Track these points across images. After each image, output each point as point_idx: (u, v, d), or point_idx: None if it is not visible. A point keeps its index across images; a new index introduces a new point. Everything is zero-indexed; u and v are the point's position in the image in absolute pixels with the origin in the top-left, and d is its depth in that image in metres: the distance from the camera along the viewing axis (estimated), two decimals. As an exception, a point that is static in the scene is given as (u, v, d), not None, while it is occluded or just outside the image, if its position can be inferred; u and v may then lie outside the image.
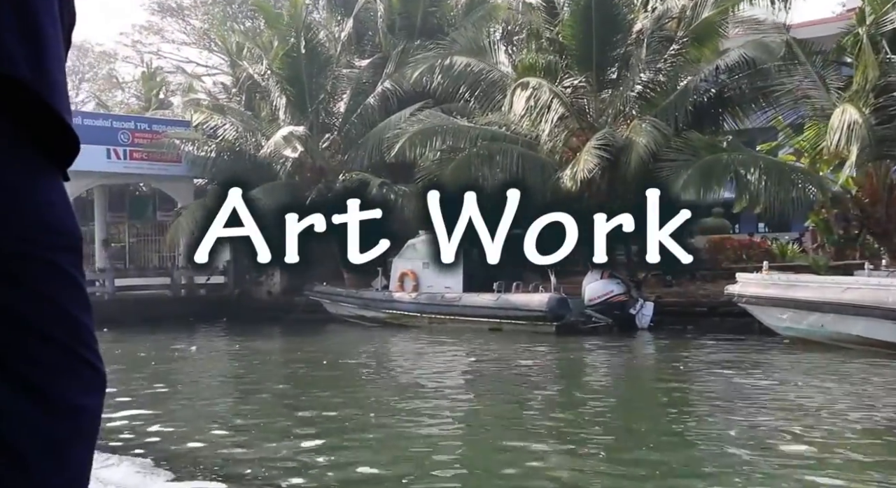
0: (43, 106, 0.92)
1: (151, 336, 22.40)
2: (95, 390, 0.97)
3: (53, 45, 0.94)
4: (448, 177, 21.03)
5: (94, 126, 24.90)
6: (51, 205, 0.94)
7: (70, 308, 0.94)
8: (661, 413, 11.24)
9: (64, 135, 0.97)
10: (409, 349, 19.26)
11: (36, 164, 0.94)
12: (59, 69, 0.95)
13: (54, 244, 0.94)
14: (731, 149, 18.23)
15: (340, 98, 26.34)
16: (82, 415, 0.95)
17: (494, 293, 20.07)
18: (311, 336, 21.58)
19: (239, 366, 16.84)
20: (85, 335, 0.96)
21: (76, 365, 0.94)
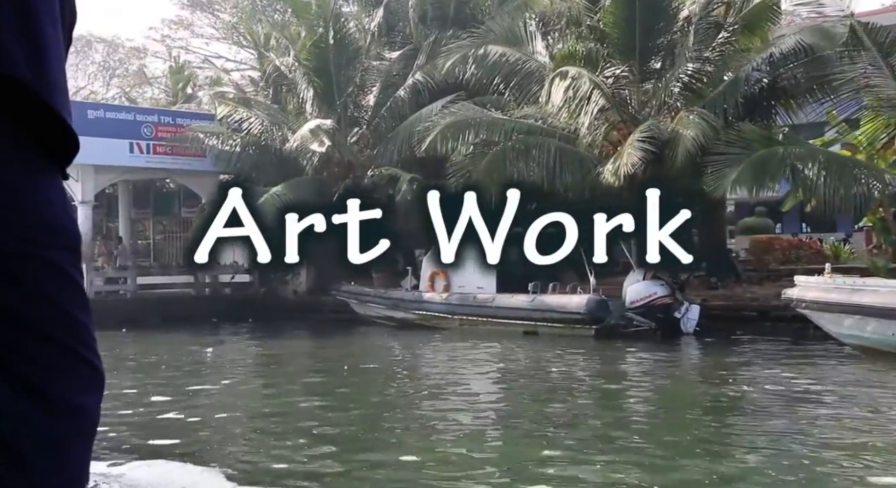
0: (43, 105, 0.90)
1: (171, 337, 21.43)
2: (94, 389, 0.96)
3: (53, 45, 0.93)
4: (481, 172, 19.82)
5: (117, 119, 23.97)
6: (50, 204, 0.92)
7: (69, 307, 0.93)
8: (710, 426, 10.25)
9: (64, 134, 0.94)
10: (439, 352, 18.11)
11: (35, 164, 0.92)
12: (59, 69, 0.94)
13: (53, 243, 0.92)
14: (788, 143, 16.84)
15: (370, 91, 25.21)
16: (81, 415, 0.94)
17: (529, 294, 18.84)
18: (338, 338, 20.48)
19: (259, 373, 15.72)
20: (84, 334, 0.95)
21: (75, 364, 0.93)
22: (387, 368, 16.27)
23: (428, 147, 20.69)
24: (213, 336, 22.04)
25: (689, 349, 17.48)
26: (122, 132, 23.92)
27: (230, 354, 18.68)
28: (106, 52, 44.74)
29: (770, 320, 17.85)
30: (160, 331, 22.48)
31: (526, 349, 17.68)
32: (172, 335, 21.63)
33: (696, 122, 17.03)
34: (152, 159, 24.57)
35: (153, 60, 41.04)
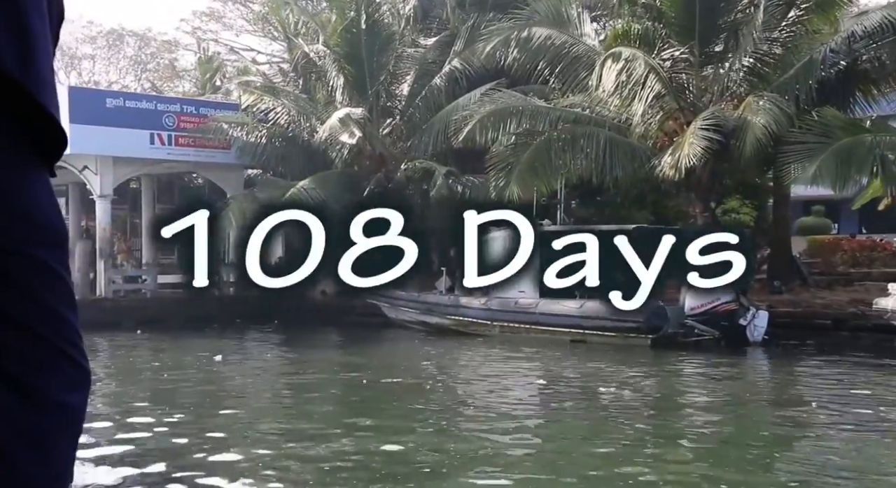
0: (30, 101, 0.90)
1: (186, 339, 19.77)
2: (80, 387, 0.95)
3: (41, 41, 0.92)
4: (524, 165, 17.92)
5: (138, 108, 22.35)
6: (36, 200, 0.91)
7: (54, 304, 0.92)
8: (786, 452, 8.88)
9: (51, 130, 0.93)
10: (476, 362, 16.27)
11: (22, 160, 0.91)
12: (47, 65, 0.93)
13: (39, 240, 0.91)
14: (877, 130, 14.71)
15: (403, 79, 23.38)
16: (67, 412, 0.93)
17: (577, 299, 16.87)
18: (367, 345, 18.69)
19: (282, 386, 13.87)
20: (69, 332, 0.94)
21: (60, 361, 0.92)
22: (419, 381, 14.43)
23: (466, 137, 18.86)
24: (236, 339, 20.35)
25: (757, 361, 15.46)
26: (143, 122, 22.29)
27: (251, 361, 16.94)
28: (138, 46, 43.34)
29: (848, 329, 15.74)
30: (180, 333, 20.84)
31: (574, 360, 15.77)
32: (191, 338, 19.95)
33: (767, 107, 14.99)
34: (174, 151, 22.92)
35: (185, 53, 39.57)
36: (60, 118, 0.92)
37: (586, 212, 22.74)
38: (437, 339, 18.83)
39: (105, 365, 15.79)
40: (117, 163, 22.62)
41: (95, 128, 21.55)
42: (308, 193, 21.19)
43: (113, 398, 11.91)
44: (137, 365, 16.50)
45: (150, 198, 27.39)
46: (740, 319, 15.72)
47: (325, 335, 21.01)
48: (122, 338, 20.11)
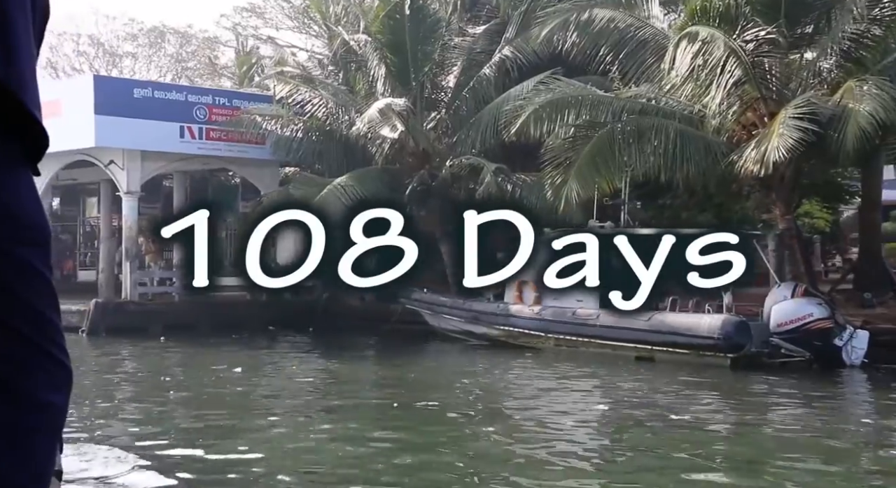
0: (12, 101, 0.88)
1: (212, 347, 17.99)
2: (61, 386, 0.93)
3: (24, 41, 0.91)
4: (584, 160, 15.80)
5: (167, 99, 20.64)
6: (18, 199, 0.90)
7: (36, 303, 0.90)
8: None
9: (34, 130, 0.93)
10: (526, 381, 14.27)
11: (4, 159, 0.90)
12: (29, 65, 0.92)
13: (21, 239, 0.89)
14: None
15: (450, 70, 21.41)
16: (47, 410, 0.92)
17: (644, 311, 14.68)
18: (405, 357, 16.71)
19: (315, 405, 11.86)
20: (50, 330, 0.92)
21: (41, 360, 0.90)
22: (465, 400, 12.41)
23: (518, 130, 16.79)
24: (264, 348, 18.47)
25: (856, 388, 13.19)
26: (172, 114, 20.57)
27: (274, 375, 15.01)
28: (179, 44, 41.92)
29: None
30: (206, 340, 19.07)
31: (640, 380, 13.65)
32: (217, 346, 18.14)
33: (875, 93, 12.73)
34: (205, 145, 21.17)
35: (225, 50, 37.99)
36: (42, 117, 0.89)
37: (643, 215, 20.55)
38: (483, 352, 16.78)
39: (106, 375, 13.94)
40: (145, 157, 20.92)
41: (122, 121, 19.90)
42: (346, 191, 19.29)
43: (89, 419, 9.99)
44: (146, 377, 14.70)
45: (183, 196, 25.69)
46: (835, 339, 13.46)
47: (360, 345, 19.09)
48: (143, 345, 18.36)
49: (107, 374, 14.38)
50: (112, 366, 15.99)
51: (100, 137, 19.80)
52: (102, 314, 19.76)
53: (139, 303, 20.63)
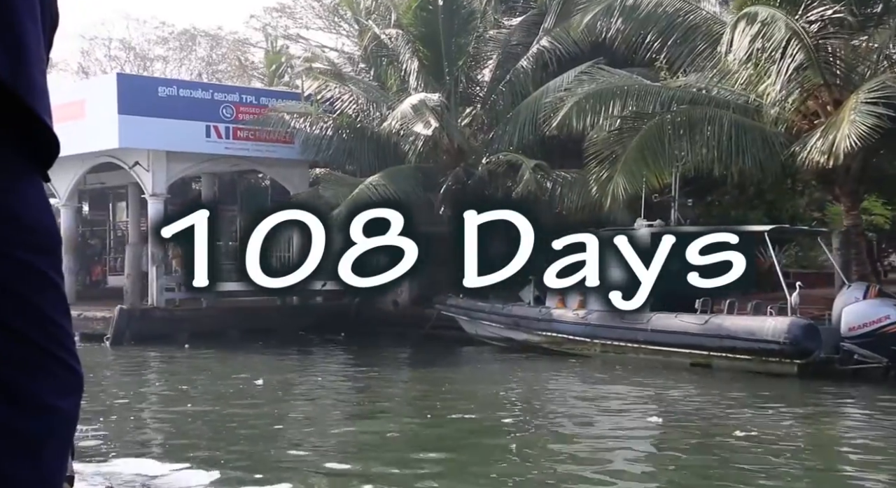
0: (22, 107, 0.88)
1: (237, 355, 17.07)
2: (71, 392, 0.92)
3: (33, 46, 0.90)
4: (631, 153, 14.67)
5: (192, 98, 19.79)
6: (28, 205, 0.90)
7: (46, 309, 0.90)
8: None
9: (44, 135, 0.91)
10: (571, 390, 13.20)
11: (14, 165, 0.89)
12: (40, 70, 0.91)
13: (30, 243, 0.89)
14: None
15: (485, 64, 20.36)
16: (56, 416, 0.90)
17: (699, 313, 13.56)
18: (441, 365, 15.70)
19: (325, 426, 10.83)
20: (61, 336, 0.91)
21: (50, 365, 0.90)
22: (505, 413, 11.35)
23: (560, 123, 15.70)
24: (293, 356, 17.50)
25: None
26: (198, 113, 19.71)
27: (300, 385, 14.01)
28: (209, 47, 41.33)
29: None
30: (233, 348, 18.17)
31: (696, 389, 12.47)
32: (243, 354, 17.21)
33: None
34: (232, 145, 20.29)
35: (255, 51, 37.26)
36: (52, 123, 0.89)
37: (692, 213, 19.33)
38: (523, 360, 15.68)
39: (113, 389, 13.01)
40: (171, 158, 20.08)
41: (146, 120, 19.08)
42: (378, 190, 18.31)
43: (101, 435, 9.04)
44: (159, 390, 13.77)
45: (211, 198, 24.87)
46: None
47: (394, 352, 18.08)
48: (166, 353, 17.49)
49: (114, 388, 13.47)
50: (127, 376, 15.13)
51: (123, 138, 19.00)
52: (127, 321, 18.94)
53: (166, 310, 19.79)
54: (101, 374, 15.49)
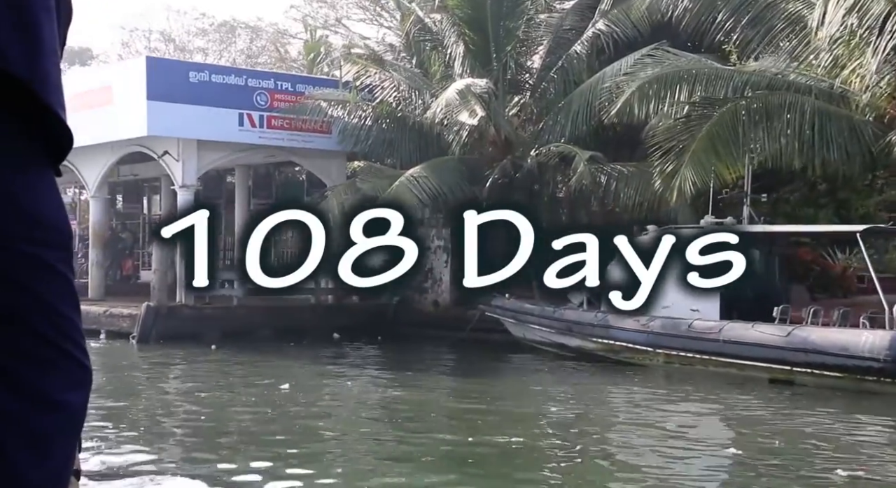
0: (37, 102, 0.88)
1: (265, 356, 15.73)
2: (80, 386, 0.92)
3: (48, 41, 0.90)
4: (700, 144, 13.06)
5: (225, 84, 18.50)
6: (39, 199, 0.88)
7: (55, 303, 0.89)
8: None
9: (57, 130, 0.91)
10: (632, 406, 11.69)
11: (27, 159, 0.88)
12: (54, 64, 0.91)
13: (41, 239, 0.88)
14: None
15: (535, 50, 18.81)
16: (65, 410, 0.90)
17: (777, 323, 11.93)
18: (484, 373, 14.25)
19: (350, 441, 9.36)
20: (71, 331, 0.91)
21: (60, 360, 0.89)
22: (558, 432, 9.87)
23: (620, 110, 14.11)
24: (324, 359, 16.11)
25: None
26: (231, 100, 18.43)
27: (329, 390, 12.60)
28: (249, 39, 40.26)
29: None
30: (262, 349, 16.86)
31: (780, 411, 10.84)
32: (272, 356, 15.87)
33: None
34: (266, 134, 18.97)
35: (295, 42, 36.05)
36: (66, 117, 0.89)
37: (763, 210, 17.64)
38: (577, 369, 14.14)
39: (134, 387, 11.66)
40: (202, 147, 18.81)
41: (176, 107, 17.84)
42: (419, 183, 16.89)
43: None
44: (177, 393, 12.41)
45: (245, 192, 23.64)
46: None
47: (433, 357, 16.64)
48: (192, 353, 16.22)
49: (130, 389, 12.18)
50: (146, 377, 13.86)
51: (152, 125, 17.77)
52: (154, 319, 17.70)
53: (195, 308, 18.52)
54: (119, 374, 14.26)
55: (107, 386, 13.00)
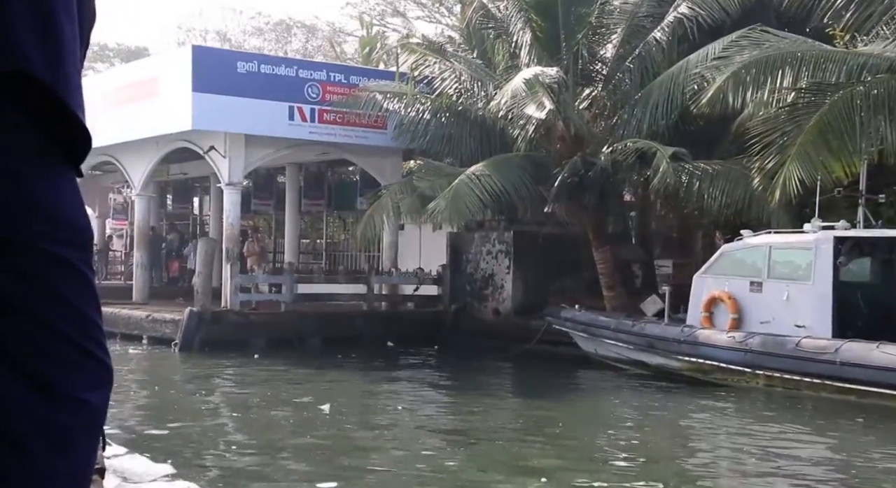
0: (57, 102, 0.88)
1: (312, 368, 14.26)
2: (101, 384, 0.91)
3: (69, 43, 0.91)
4: (808, 137, 11.20)
5: (275, 75, 17.11)
6: (60, 199, 0.89)
7: (77, 302, 0.89)
8: None
9: (77, 132, 0.91)
10: (731, 437, 9.88)
11: (48, 161, 0.89)
12: (74, 66, 0.92)
13: (63, 239, 0.88)
14: None
15: (608, 39, 17.04)
16: (87, 408, 0.89)
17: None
18: (554, 393, 12.55)
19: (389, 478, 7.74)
20: (92, 329, 0.90)
21: (81, 358, 0.89)
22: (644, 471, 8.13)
23: (712, 99, 12.29)
24: (376, 372, 14.56)
25: None
26: (281, 92, 17.05)
27: (375, 415, 10.99)
28: (305, 38, 39.15)
29: None
30: (309, 359, 15.43)
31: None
32: (319, 368, 14.38)
33: None
34: (317, 129, 17.54)
35: (351, 41, 34.76)
36: (85, 119, 0.90)
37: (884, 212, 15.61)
38: (660, 391, 12.35)
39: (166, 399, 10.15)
40: (249, 142, 17.45)
41: (223, 99, 16.53)
42: (481, 182, 15.28)
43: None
44: (209, 406, 10.90)
45: (296, 193, 22.31)
46: None
47: (493, 372, 15.04)
48: (234, 363, 14.83)
49: (160, 401, 10.73)
50: (178, 391, 12.43)
51: (197, 119, 16.45)
52: (197, 325, 16.35)
53: (240, 313, 17.13)
54: (153, 386, 12.90)
55: (138, 396, 11.63)
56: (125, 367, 14.14)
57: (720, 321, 12.45)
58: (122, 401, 11.10)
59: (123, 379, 13.05)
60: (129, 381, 13.02)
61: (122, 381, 12.63)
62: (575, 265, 17.78)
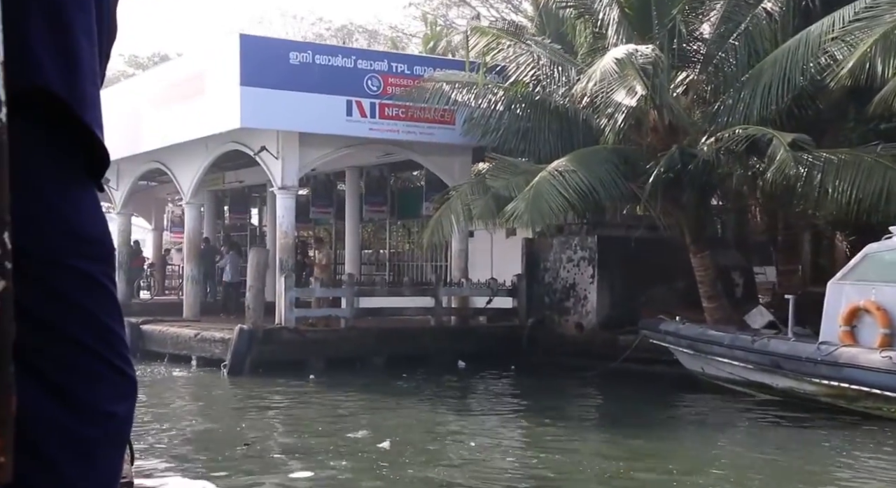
0: (75, 119, 0.88)
1: (372, 392, 12.37)
2: (125, 397, 0.92)
3: (87, 58, 0.91)
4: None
5: (331, 66, 15.38)
6: (82, 214, 0.90)
7: (101, 316, 0.89)
8: None
9: (95, 148, 0.91)
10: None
11: (69, 176, 0.89)
12: (92, 82, 0.91)
13: (85, 253, 0.88)
14: None
15: (706, 15, 14.87)
16: (112, 421, 0.90)
17: None
18: (651, 423, 10.35)
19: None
20: (116, 342, 0.91)
21: (106, 371, 0.89)
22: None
23: (853, 69, 10.04)
24: (444, 397, 12.57)
25: None
26: (338, 85, 15.31)
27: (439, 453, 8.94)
28: (367, 43, 37.67)
29: None
30: (371, 382, 13.58)
31: None
32: (379, 392, 12.46)
33: None
34: (378, 125, 15.71)
35: (415, 41, 33.12)
36: (104, 136, 0.90)
37: None
38: (795, 423, 10.08)
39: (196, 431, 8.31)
40: (304, 141, 15.74)
41: (274, 93, 14.87)
42: (565, 179, 13.24)
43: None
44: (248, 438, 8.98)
45: (356, 198, 20.54)
46: None
47: (578, 395, 13.00)
48: (287, 387, 13.02)
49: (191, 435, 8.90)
50: (219, 423, 10.57)
51: (246, 116, 14.78)
52: (248, 344, 14.62)
53: (296, 331, 15.32)
54: (191, 414, 11.13)
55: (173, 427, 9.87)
56: (165, 394, 12.47)
57: (866, 337, 10.15)
58: (157, 432, 9.41)
59: (162, 406, 11.38)
60: (168, 410, 11.33)
61: (159, 410, 10.94)
62: (666, 273, 15.62)
